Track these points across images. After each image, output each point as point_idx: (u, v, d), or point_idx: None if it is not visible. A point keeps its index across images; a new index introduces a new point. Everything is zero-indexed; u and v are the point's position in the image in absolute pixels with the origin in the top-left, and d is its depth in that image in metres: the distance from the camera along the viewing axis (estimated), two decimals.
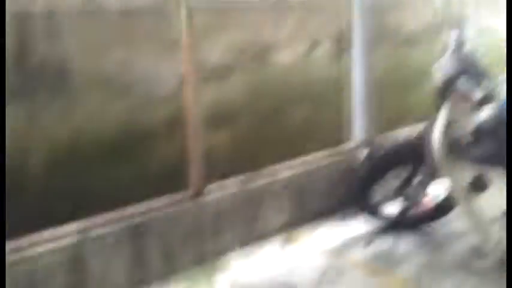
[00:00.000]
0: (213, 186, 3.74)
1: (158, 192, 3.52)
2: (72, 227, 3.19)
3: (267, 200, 3.97)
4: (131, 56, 3.37)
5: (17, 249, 3.01)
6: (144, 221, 3.41)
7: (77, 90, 3.19)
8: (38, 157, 3.12)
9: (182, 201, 3.60)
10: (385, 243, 3.90)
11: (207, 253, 3.68)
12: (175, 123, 3.56)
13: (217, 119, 3.76)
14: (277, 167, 4.08)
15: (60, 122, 3.17)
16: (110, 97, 3.33)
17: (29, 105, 3.06)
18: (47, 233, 3.12)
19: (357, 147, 4.53)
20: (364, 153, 4.48)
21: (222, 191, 3.77)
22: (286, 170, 4.11)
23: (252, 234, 3.90)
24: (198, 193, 3.65)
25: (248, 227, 3.89)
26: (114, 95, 3.35)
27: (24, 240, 3.04)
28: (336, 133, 4.51)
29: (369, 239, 3.93)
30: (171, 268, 3.52)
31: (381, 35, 4.57)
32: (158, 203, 3.51)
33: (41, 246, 3.07)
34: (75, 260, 3.16)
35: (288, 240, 3.97)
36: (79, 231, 3.20)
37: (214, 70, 3.72)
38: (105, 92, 3.31)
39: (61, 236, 3.14)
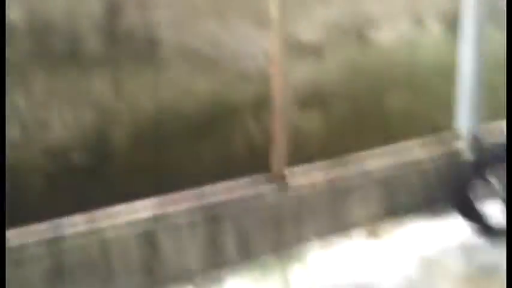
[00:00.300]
0: (296, 170, 3.57)
1: (238, 172, 3.40)
2: (149, 202, 3.15)
3: (353, 190, 3.76)
4: (220, 29, 3.24)
5: (94, 220, 2.99)
6: (221, 201, 3.31)
7: (164, 63, 3.12)
8: (122, 129, 3.06)
9: (263, 183, 3.46)
10: (482, 248, 3.59)
11: (284, 241, 3.53)
12: (262, 102, 3.41)
13: (307, 99, 3.57)
14: (368, 154, 3.84)
15: (146, 94, 3.10)
16: (197, 71, 3.23)
17: (116, 75, 2.99)
18: (124, 206, 3.08)
19: (459, 138, 4.20)
20: (466, 145, 4.15)
21: (306, 176, 3.59)
22: (377, 159, 3.86)
23: (335, 225, 3.70)
24: (280, 177, 3.49)
25: (331, 216, 3.69)
26: (201, 69, 3.24)
27: (102, 212, 3.02)
28: (436, 121, 4.19)
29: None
30: (246, 253, 3.41)
31: (494, 15, 4.17)
32: (238, 184, 3.40)
33: (117, 218, 3.04)
34: (150, 235, 3.12)
35: (373, 235, 3.75)
36: (156, 207, 3.14)
37: (306, 47, 3.51)
38: (192, 65, 3.21)
39: (137, 210, 3.11)
